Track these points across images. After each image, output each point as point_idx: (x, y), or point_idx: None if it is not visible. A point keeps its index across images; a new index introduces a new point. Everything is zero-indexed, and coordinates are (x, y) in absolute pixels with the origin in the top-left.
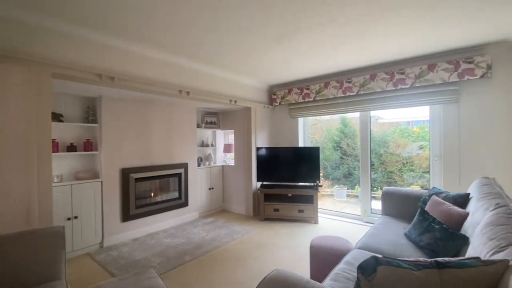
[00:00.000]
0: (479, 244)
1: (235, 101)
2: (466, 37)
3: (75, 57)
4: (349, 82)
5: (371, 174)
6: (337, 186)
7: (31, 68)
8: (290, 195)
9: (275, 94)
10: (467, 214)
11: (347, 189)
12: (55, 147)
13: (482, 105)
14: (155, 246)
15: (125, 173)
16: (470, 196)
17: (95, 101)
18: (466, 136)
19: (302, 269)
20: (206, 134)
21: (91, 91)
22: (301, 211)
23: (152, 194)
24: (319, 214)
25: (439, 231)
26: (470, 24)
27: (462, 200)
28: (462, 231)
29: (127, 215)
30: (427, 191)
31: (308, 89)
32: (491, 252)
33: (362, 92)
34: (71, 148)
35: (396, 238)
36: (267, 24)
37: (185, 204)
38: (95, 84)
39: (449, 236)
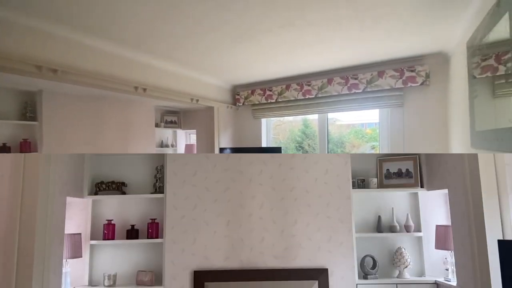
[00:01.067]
0: None
1: (197, 100)
2: (409, 48)
3: (6, 44)
4: (309, 85)
5: None
6: None
7: None
8: None
9: (238, 95)
10: None
11: None
12: None
13: (422, 109)
14: None
15: None
16: None
17: (34, 96)
18: (409, 137)
19: None
20: (166, 134)
21: (30, 85)
22: None
23: None
24: None
25: None
26: (412, 36)
27: None
28: None
29: None
30: None
31: (270, 90)
32: None
33: (320, 95)
34: (4, 149)
35: None
36: (226, 23)
37: None
38: (34, 77)
39: None
